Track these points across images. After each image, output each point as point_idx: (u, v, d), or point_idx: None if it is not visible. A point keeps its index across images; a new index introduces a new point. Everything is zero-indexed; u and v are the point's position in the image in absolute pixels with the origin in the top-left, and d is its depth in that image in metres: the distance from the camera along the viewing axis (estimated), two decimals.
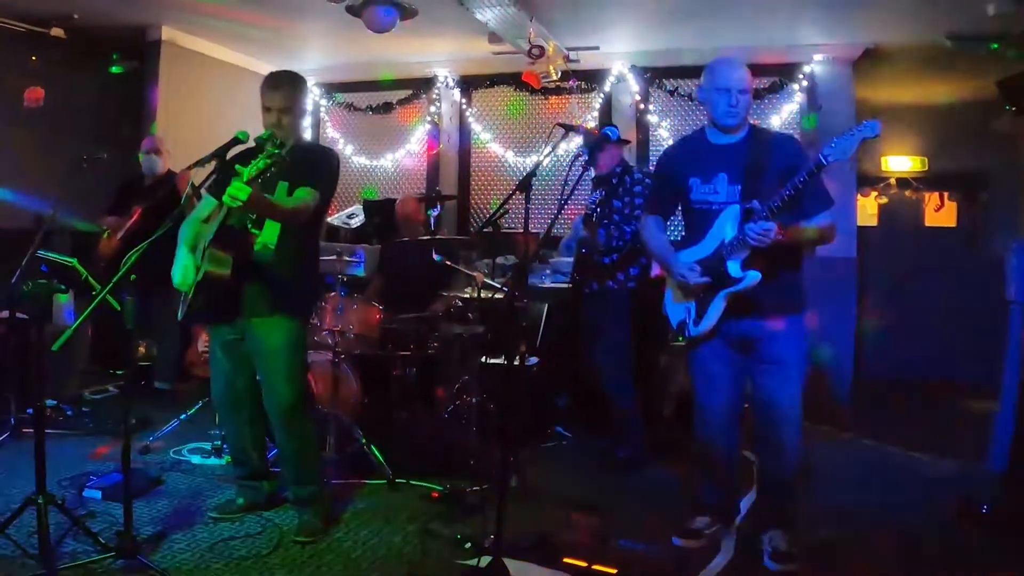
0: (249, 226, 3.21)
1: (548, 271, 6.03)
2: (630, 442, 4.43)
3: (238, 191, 2.75)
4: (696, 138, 3.34)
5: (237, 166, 2.88)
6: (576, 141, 5.41)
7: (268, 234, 3.21)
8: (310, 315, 3.76)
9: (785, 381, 3.14)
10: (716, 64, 3.19)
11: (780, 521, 3.19)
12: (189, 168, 3.16)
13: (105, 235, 5.35)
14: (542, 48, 5.75)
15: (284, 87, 3.29)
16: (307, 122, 7.63)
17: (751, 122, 3.25)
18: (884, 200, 8.05)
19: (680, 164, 3.29)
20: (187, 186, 3.16)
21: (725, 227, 3.08)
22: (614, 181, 4.41)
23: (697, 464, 3.49)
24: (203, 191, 3.40)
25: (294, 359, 3.33)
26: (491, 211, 6.93)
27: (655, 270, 4.18)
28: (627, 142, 4.88)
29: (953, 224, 7.95)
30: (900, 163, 7.85)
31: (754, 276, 3.01)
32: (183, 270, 3.22)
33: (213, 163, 3.24)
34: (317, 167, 3.26)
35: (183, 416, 4.64)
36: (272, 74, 3.38)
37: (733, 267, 3.05)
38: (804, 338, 3.19)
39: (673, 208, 3.44)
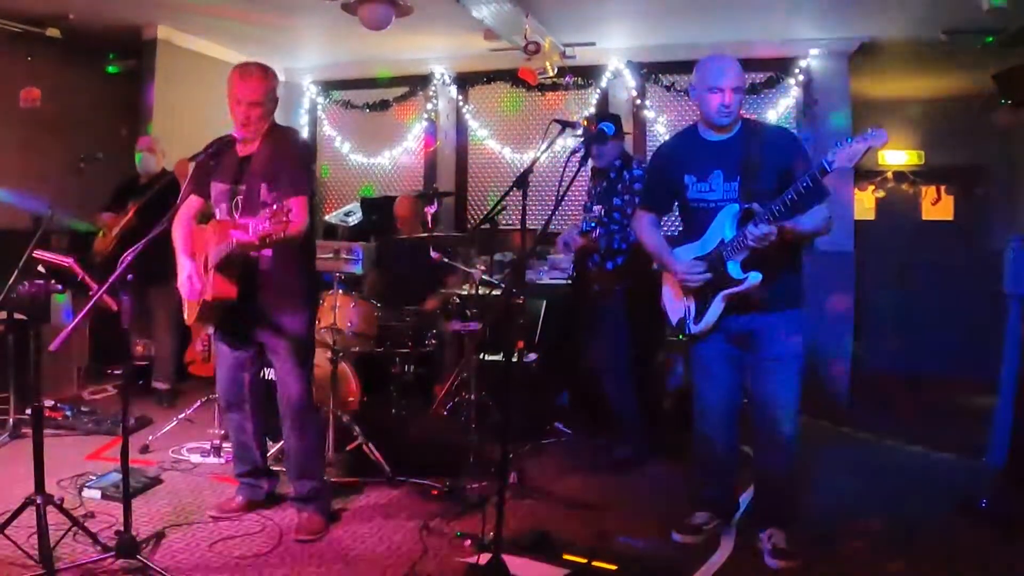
0: None
1: (546, 267, 6.03)
2: (630, 439, 4.43)
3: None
4: (689, 135, 3.32)
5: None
6: (573, 137, 5.40)
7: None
8: (316, 308, 3.77)
9: (783, 377, 3.13)
10: (707, 62, 3.14)
11: (779, 518, 3.19)
12: (189, 159, 3.17)
13: (101, 234, 5.35)
14: (538, 44, 5.74)
15: (252, 80, 3.23)
16: (304, 119, 7.64)
17: (744, 116, 3.23)
18: (881, 194, 8.05)
19: (674, 162, 3.28)
20: (187, 175, 3.17)
21: (724, 226, 3.08)
22: (612, 175, 4.41)
23: (696, 460, 3.49)
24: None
25: (305, 353, 3.38)
26: (488, 208, 6.93)
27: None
28: (626, 133, 4.87)
29: (950, 218, 7.95)
30: (897, 157, 7.85)
31: (755, 277, 3.00)
32: (189, 281, 3.25)
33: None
34: (297, 173, 3.21)
35: (182, 415, 4.65)
36: (240, 67, 3.29)
37: (733, 268, 3.05)
38: (802, 333, 3.18)
39: (668, 206, 3.43)
